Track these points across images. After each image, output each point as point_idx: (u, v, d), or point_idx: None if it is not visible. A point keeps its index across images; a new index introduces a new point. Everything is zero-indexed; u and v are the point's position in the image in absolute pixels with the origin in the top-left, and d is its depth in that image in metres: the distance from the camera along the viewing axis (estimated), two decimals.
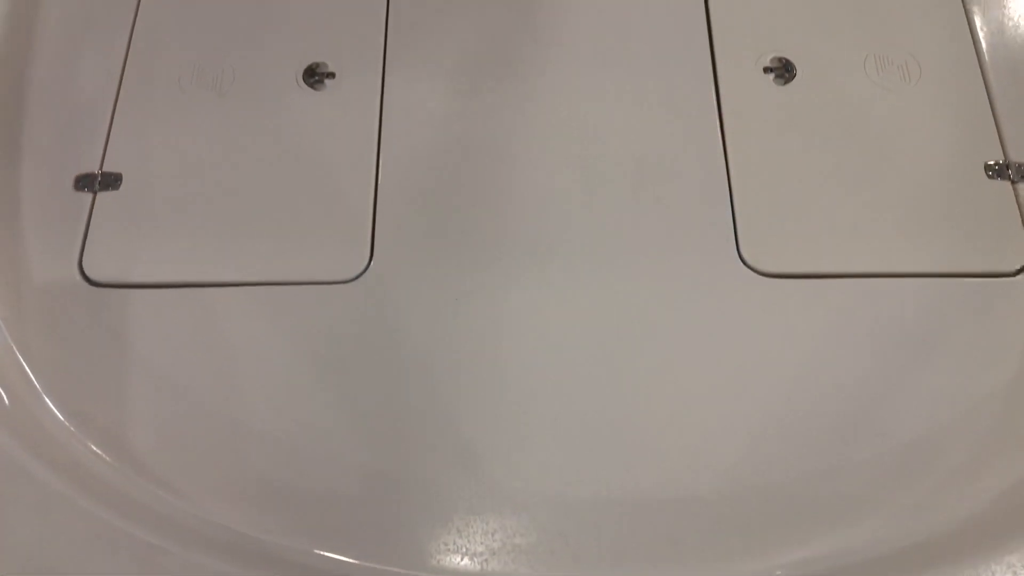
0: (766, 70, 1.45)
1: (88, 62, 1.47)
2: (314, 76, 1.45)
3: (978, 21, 1.50)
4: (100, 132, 1.40)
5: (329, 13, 1.52)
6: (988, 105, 1.42)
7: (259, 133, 1.40)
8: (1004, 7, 1.51)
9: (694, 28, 1.49)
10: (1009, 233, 1.31)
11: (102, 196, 1.35)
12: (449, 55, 1.47)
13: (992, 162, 1.36)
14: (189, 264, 1.30)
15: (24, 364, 1.22)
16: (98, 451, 1.17)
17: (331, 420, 1.20)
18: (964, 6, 1.51)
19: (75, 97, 1.44)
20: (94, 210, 1.34)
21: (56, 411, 1.19)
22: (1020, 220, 1.32)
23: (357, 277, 1.29)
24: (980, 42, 1.48)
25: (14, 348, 1.22)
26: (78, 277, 1.29)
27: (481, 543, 1.10)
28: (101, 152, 1.39)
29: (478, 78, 1.44)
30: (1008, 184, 1.35)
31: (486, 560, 1.09)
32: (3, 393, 1.18)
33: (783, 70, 1.45)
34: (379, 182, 1.36)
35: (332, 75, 1.46)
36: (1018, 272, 1.29)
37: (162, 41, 1.50)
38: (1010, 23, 1.49)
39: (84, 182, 1.36)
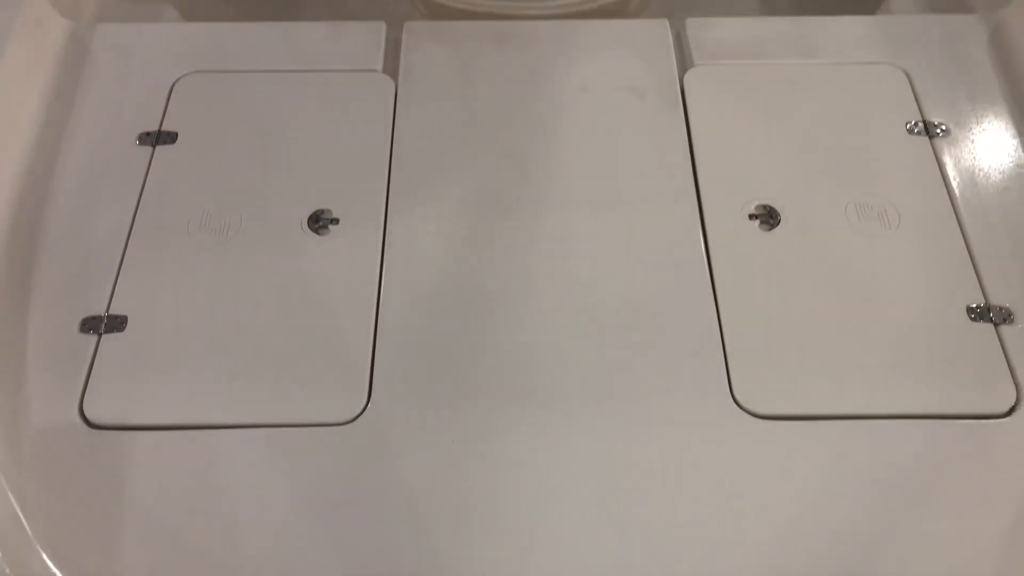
0: (751, 217, 1.52)
1: (102, 208, 1.53)
2: (319, 222, 1.51)
3: (950, 171, 1.58)
4: (109, 275, 1.45)
5: (335, 162, 1.60)
6: (965, 249, 1.48)
7: (263, 277, 1.45)
8: (974, 157, 1.60)
9: (681, 177, 1.57)
10: (996, 374, 1.34)
11: (107, 339, 1.38)
12: (449, 203, 1.54)
13: (974, 305, 1.41)
14: (189, 406, 1.31)
15: (17, 509, 1.21)
16: None
17: (325, 566, 1.18)
18: (936, 157, 1.60)
19: (87, 241, 1.50)
20: (98, 352, 1.36)
21: (46, 558, 1.18)
22: (1005, 362, 1.35)
23: (354, 419, 1.30)
24: (953, 189, 1.55)
25: (8, 493, 1.22)
26: (78, 420, 1.30)
27: None
28: (108, 295, 1.43)
29: (477, 226, 1.51)
30: (991, 326, 1.38)
31: None
32: None
33: (767, 216, 1.52)
34: (379, 326, 1.39)
35: (336, 221, 1.52)
36: (1008, 413, 1.31)
37: (173, 188, 1.57)
38: (980, 172, 1.58)
39: (90, 324, 1.39)
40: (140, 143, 1.62)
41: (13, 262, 1.45)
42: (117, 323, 1.39)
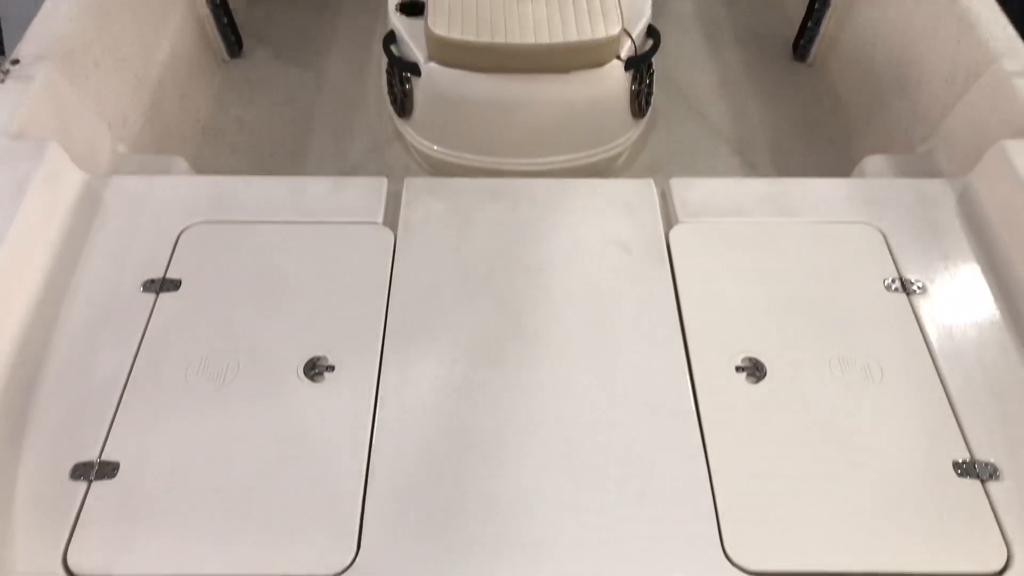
0: (738, 369, 1.55)
1: (102, 354, 1.56)
2: (315, 369, 1.54)
3: (929, 327, 1.63)
4: (104, 421, 1.46)
5: (333, 310, 1.64)
6: (948, 404, 1.51)
7: (257, 425, 1.46)
8: (951, 313, 1.66)
9: (669, 330, 1.62)
10: (986, 532, 1.34)
11: (97, 485, 1.37)
12: (443, 351, 1.58)
13: (960, 460, 1.42)
14: (176, 557, 1.30)
15: None
16: None
17: None
18: (915, 313, 1.65)
19: (85, 386, 1.52)
20: (87, 500, 1.36)
21: None
22: (994, 519, 1.35)
23: (343, 571, 1.28)
24: (933, 345, 1.60)
25: None
26: (60, 571, 1.27)
27: None
28: (102, 441, 1.43)
29: (470, 375, 1.54)
30: (978, 483, 1.40)
31: None
32: None
33: (754, 369, 1.55)
34: (370, 474, 1.39)
35: (332, 368, 1.55)
36: (1000, 573, 1.30)
37: (173, 335, 1.60)
38: (958, 328, 1.63)
39: (81, 471, 1.39)
40: (144, 290, 1.67)
41: (11, 404, 1.47)
42: (108, 470, 1.39)
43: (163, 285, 1.68)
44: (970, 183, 1.89)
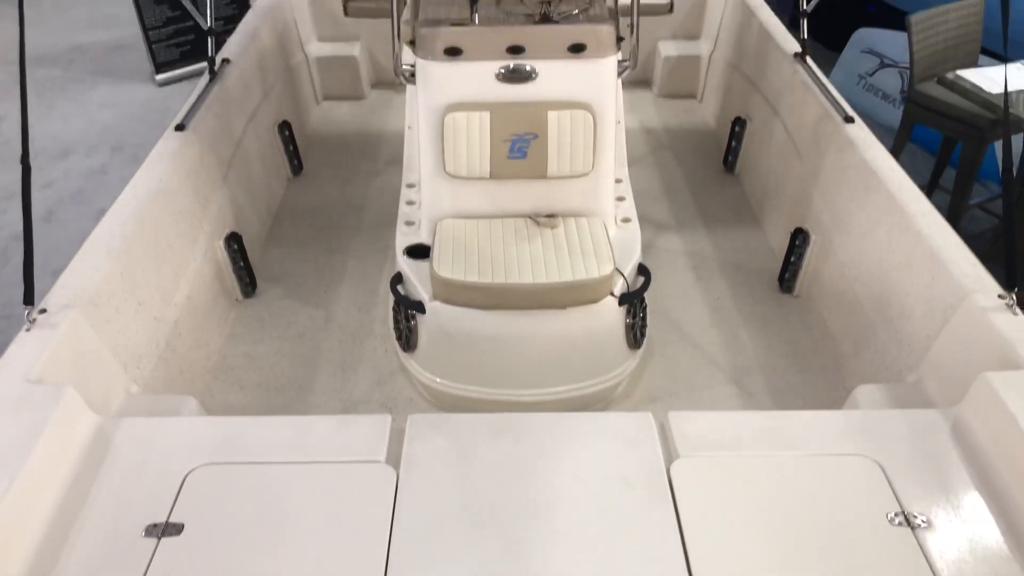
0: None
1: None
2: None
3: (938, 564, 1.61)
4: None
5: (334, 551, 1.63)
6: None
7: None
8: (958, 549, 1.64)
9: (674, 566, 1.60)
10: None
11: None
12: None
13: None
14: None
15: None
16: None
17: None
18: (922, 548, 1.64)
19: None
20: None
21: None
22: None
23: None
24: None
25: None
26: None
27: None
28: None
29: None
30: None
31: None
32: None
33: None
34: None
35: None
36: None
37: None
38: (967, 567, 1.61)
39: None
40: (146, 535, 1.66)
41: None
42: None
43: (165, 530, 1.67)
44: (961, 414, 1.93)
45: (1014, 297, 2.13)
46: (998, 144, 4.08)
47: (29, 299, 2.06)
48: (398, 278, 2.73)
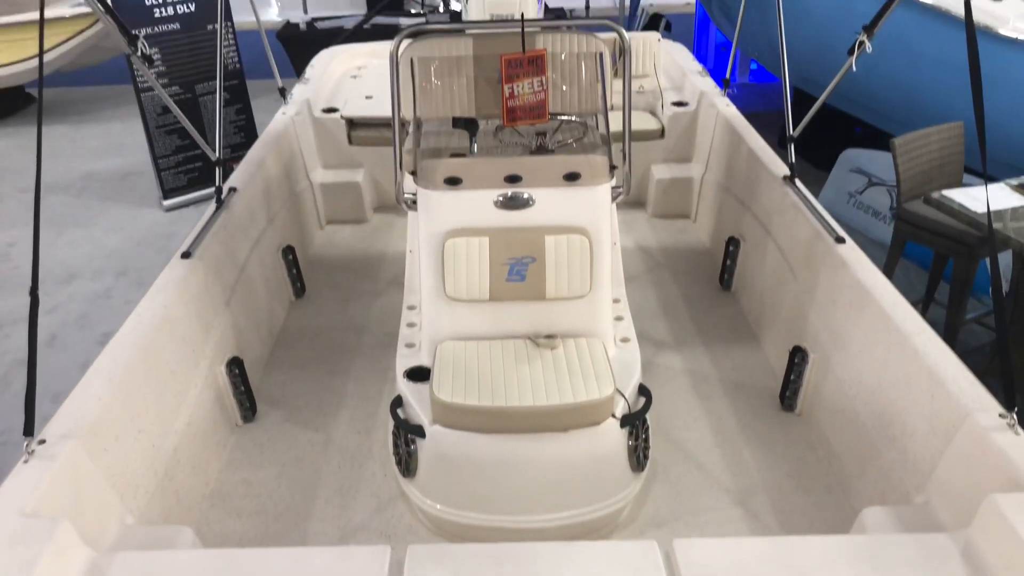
0: None
1: None
2: None
3: None
4: None
5: None
6: None
7: None
8: None
9: None
10: None
11: None
12: None
13: None
14: None
15: None
16: None
17: None
18: None
19: None
20: None
21: None
22: None
23: None
24: None
25: None
26: None
27: None
28: None
29: None
30: None
31: None
32: None
33: None
34: None
35: None
36: None
37: None
38: None
39: None
40: None
41: None
42: None
43: None
44: (971, 539, 1.90)
45: (1015, 416, 2.13)
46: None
47: (29, 430, 2.06)
48: (398, 401, 2.73)
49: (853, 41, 3.20)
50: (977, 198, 3.54)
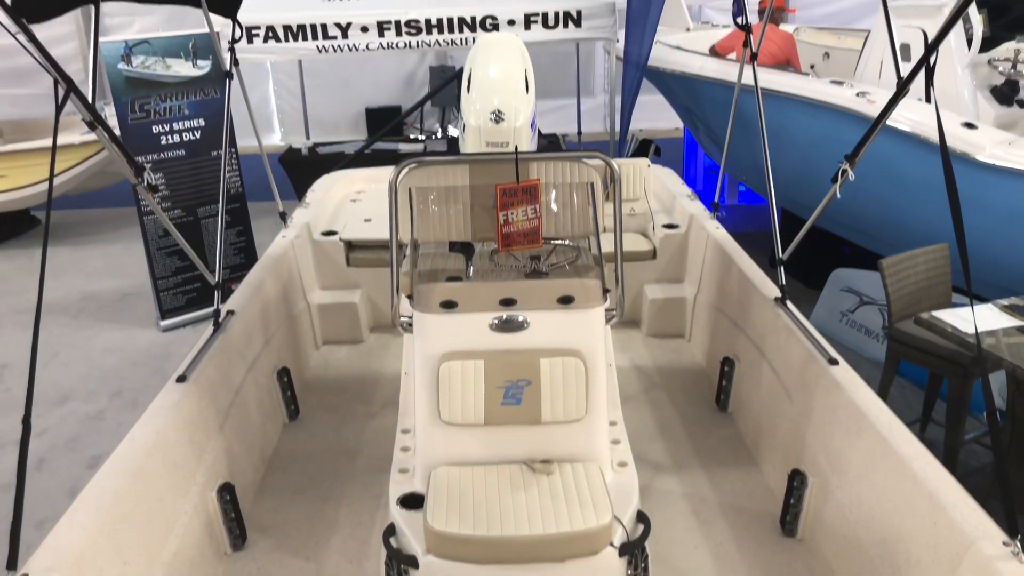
0: None
1: None
2: None
3: None
4: None
5: None
6: None
7: None
8: None
9: None
10: None
11: None
12: None
13: None
14: None
15: None
16: None
17: None
18: None
19: None
20: None
21: None
22: None
23: None
24: None
25: None
26: None
27: None
28: None
29: None
30: None
31: None
32: None
33: None
34: None
35: None
36: None
37: None
38: None
39: None
40: None
41: None
42: None
43: None
44: None
45: (1019, 544, 2.09)
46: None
47: (12, 564, 2.01)
48: (391, 530, 2.67)
49: (837, 166, 3.30)
50: (967, 319, 3.58)
